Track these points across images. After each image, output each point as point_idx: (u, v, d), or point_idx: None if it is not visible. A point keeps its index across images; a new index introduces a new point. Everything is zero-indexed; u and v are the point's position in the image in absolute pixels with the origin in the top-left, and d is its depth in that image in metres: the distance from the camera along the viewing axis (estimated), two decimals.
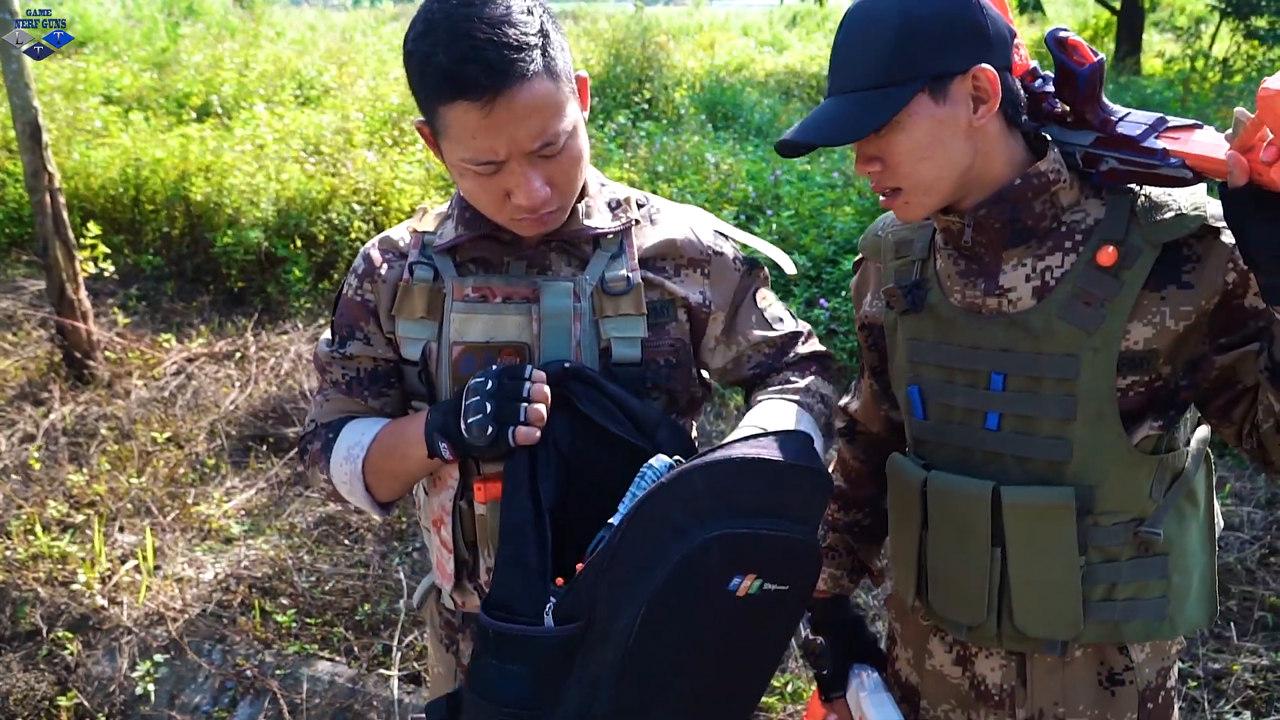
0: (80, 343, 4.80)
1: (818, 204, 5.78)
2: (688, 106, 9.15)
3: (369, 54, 10.50)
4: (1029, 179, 1.30)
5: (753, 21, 17.19)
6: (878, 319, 1.55)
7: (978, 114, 1.25)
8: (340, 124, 7.10)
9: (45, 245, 4.66)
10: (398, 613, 3.28)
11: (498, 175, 1.26)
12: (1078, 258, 1.31)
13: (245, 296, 5.75)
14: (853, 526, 1.76)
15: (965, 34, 1.23)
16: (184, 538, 3.72)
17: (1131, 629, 1.39)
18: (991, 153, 1.30)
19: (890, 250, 1.52)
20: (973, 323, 1.38)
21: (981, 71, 1.23)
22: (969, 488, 1.39)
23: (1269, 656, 2.95)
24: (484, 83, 1.18)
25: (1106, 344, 1.29)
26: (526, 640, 1.21)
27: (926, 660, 1.58)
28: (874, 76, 1.23)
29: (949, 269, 1.42)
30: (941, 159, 1.27)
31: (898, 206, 1.33)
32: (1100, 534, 1.35)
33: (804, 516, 1.26)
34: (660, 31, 11.78)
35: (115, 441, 4.32)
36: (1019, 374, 1.35)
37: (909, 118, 1.24)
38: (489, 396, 1.28)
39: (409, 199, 5.84)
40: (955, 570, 1.44)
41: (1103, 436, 1.32)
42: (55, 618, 3.22)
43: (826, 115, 1.27)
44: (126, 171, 6.11)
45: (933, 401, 1.44)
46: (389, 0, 18.98)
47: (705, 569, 1.18)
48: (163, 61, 9.06)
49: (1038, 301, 1.33)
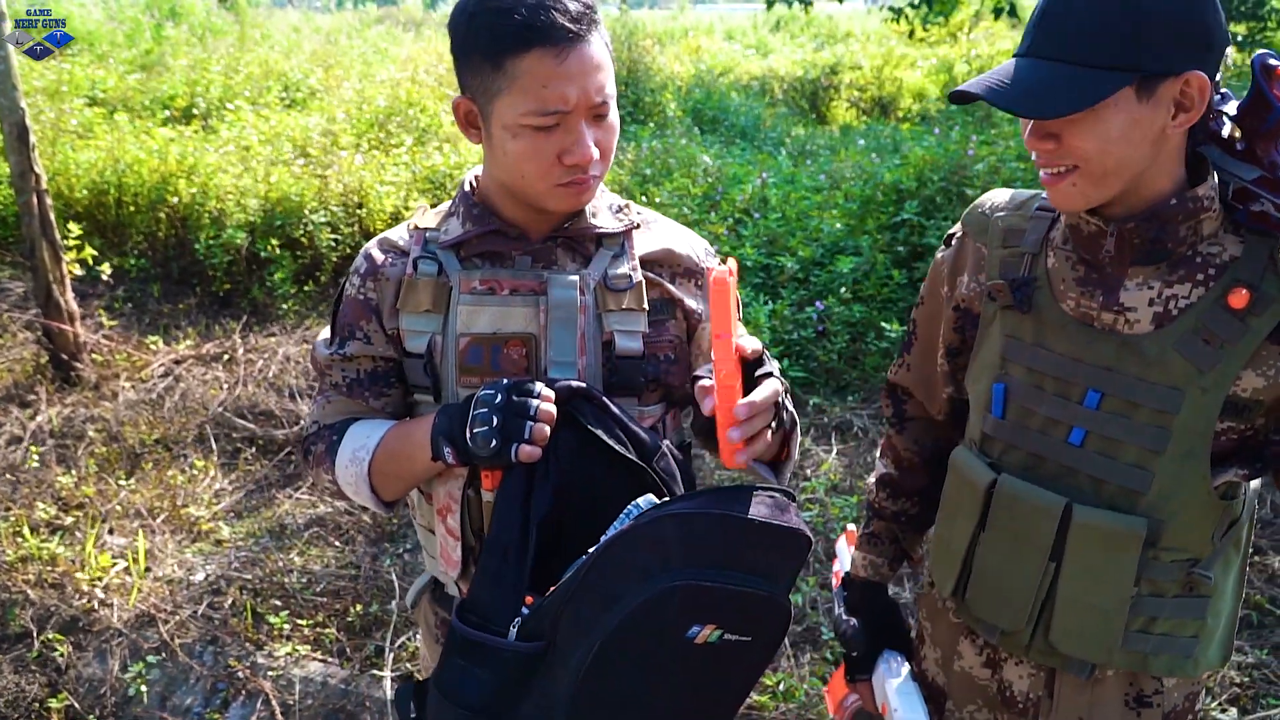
0: (67, 345, 4.78)
1: (805, 207, 5.80)
2: (674, 110, 9.17)
3: (354, 56, 10.48)
4: (1185, 202, 1.24)
5: (738, 25, 17.23)
6: (975, 305, 1.48)
7: (1175, 121, 1.19)
8: (326, 126, 7.09)
9: (32, 247, 4.64)
10: (389, 613, 3.28)
11: (555, 133, 1.31)
12: (1206, 293, 1.26)
13: (232, 299, 5.73)
14: (899, 515, 1.71)
15: (1192, 36, 1.16)
16: (174, 539, 3.71)
17: (1158, 662, 1.38)
18: (1164, 164, 1.24)
19: (998, 236, 1.44)
20: (1080, 334, 1.33)
21: (1195, 78, 1.16)
22: (1042, 499, 1.36)
23: (1254, 654, 2.98)
24: (564, 28, 1.26)
25: (1217, 385, 1.25)
26: (491, 650, 1.26)
27: (955, 661, 1.57)
28: (1088, 53, 1.15)
29: (1064, 272, 1.36)
30: (1124, 158, 1.20)
31: (1061, 189, 1.25)
32: (1157, 568, 1.34)
33: (775, 575, 1.26)
34: (646, 35, 11.81)
35: (103, 444, 4.31)
36: (1117, 396, 1.30)
37: (1107, 108, 1.17)
38: (496, 410, 1.29)
39: (391, 202, 5.84)
40: (1004, 575, 1.42)
41: (1187, 475, 1.29)
42: (45, 620, 3.21)
43: (1023, 80, 1.19)
44: (106, 175, 6.08)
45: (1015, 404, 1.40)
46: (373, 3, 18.94)
47: (663, 615, 1.19)
48: (147, 63, 9.03)
49: (1156, 328, 1.28)
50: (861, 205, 5.65)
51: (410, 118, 7.47)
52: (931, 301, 1.59)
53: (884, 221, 5.38)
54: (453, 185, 6.17)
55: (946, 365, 1.58)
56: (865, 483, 3.96)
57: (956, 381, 1.58)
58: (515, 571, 1.29)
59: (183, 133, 6.95)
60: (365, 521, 3.84)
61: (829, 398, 4.73)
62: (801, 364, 4.86)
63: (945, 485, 1.54)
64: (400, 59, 10.29)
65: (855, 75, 11.84)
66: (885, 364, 4.80)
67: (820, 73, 11.84)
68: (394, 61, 10.02)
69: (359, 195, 5.87)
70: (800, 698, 2.89)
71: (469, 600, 1.32)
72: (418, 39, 12.94)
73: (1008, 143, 5.74)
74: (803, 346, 4.88)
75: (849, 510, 3.78)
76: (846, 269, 5.01)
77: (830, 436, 4.42)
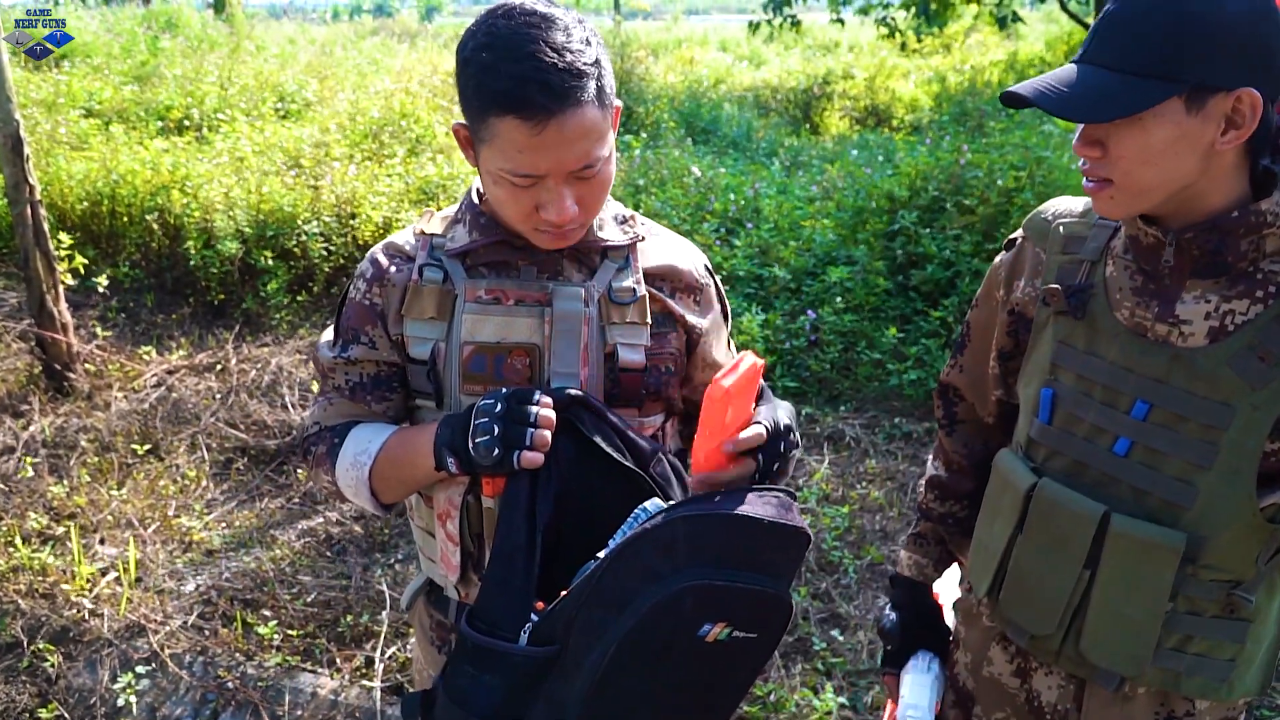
0: (60, 355, 4.78)
1: (797, 216, 5.82)
2: (667, 121, 9.20)
3: (349, 68, 10.51)
4: (1247, 214, 1.22)
5: (730, 37, 17.29)
6: (1029, 310, 1.47)
7: (1225, 138, 1.18)
8: (320, 138, 7.10)
9: (25, 257, 4.64)
10: (380, 624, 3.28)
11: (532, 189, 1.31)
12: (1265, 309, 1.24)
13: (226, 309, 5.74)
14: (947, 518, 1.71)
15: (1249, 51, 1.15)
16: (165, 550, 3.71)
17: (1191, 684, 1.36)
18: (1218, 179, 1.23)
19: (1058, 242, 1.44)
20: (1133, 344, 1.32)
21: (1247, 95, 1.15)
22: (1080, 505, 1.35)
23: None
24: (541, 104, 1.23)
25: (1269, 404, 1.23)
26: (502, 655, 1.27)
27: (985, 667, 1.57)
28: (1138, 62, 1.15)
29: (1122, 281, 1.35)
30: (1168, 170, 1.20)
31: (1101, 198, 1.26)
32: (1195, 586, 1.32)
33: (779, 572, 1.28)
34: (639, 46, 11.85)
35: (95, 454, 4.30)
36: (1166, 408, 1.29)
37: (1154, 118, 1.16)
38: (497, 419, 1.30)
39: (382, 213, 5.84)
40: (1038, 579, 1.42)
41: (1232, 493, 1.27)
42: (36, 630, 3.20)
43: (1071, 84, 1.20)
44: (99, 185, 6.09)
45: (1062, 410, 1.39)
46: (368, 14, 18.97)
47: (678, 615, 1.21)
48: (143, 75, 9.04)
49: (1211, 342, 1.26)
50: (854, 214, 5.66)
51: (403, 129, 7.49)
52: (987, 303, 1.59)
53: (880, 229, 5.40)
54: (445, 196, 6.18)
55: (998, 368, 1.57)
56: (871, 496, 3.97)
57: (1007, 385, 1.58)
58: (523, 578, 1.31)
59: (177, 144, 6.96)
60: (356, 532, 3.84)
61: (821, 407, 4.74)
62: (793, 373, 4.87)
63: (988, 486, 1.54)
64: (395, 70, 10.32)
65: (848, 85, 11.88)
66: (877, 373, 4.81)
67: (813, 83, 11.88)
68: (388, 73, 10.04)
69: (352, 206, 5.88)
70: (790, 709, 2.89)
71: (477, 607, 1.32)
72: (412, 50, 12.98)
73: (1001, 152, 5.76)
74: (795, 356, 4.90)
75: (840, 520, 3.78)
76: (838, 279, 5.02)
77: (822, 446, 4.42)
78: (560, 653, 1.24)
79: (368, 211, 5.82)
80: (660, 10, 24.23)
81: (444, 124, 7.69)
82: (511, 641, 1.27)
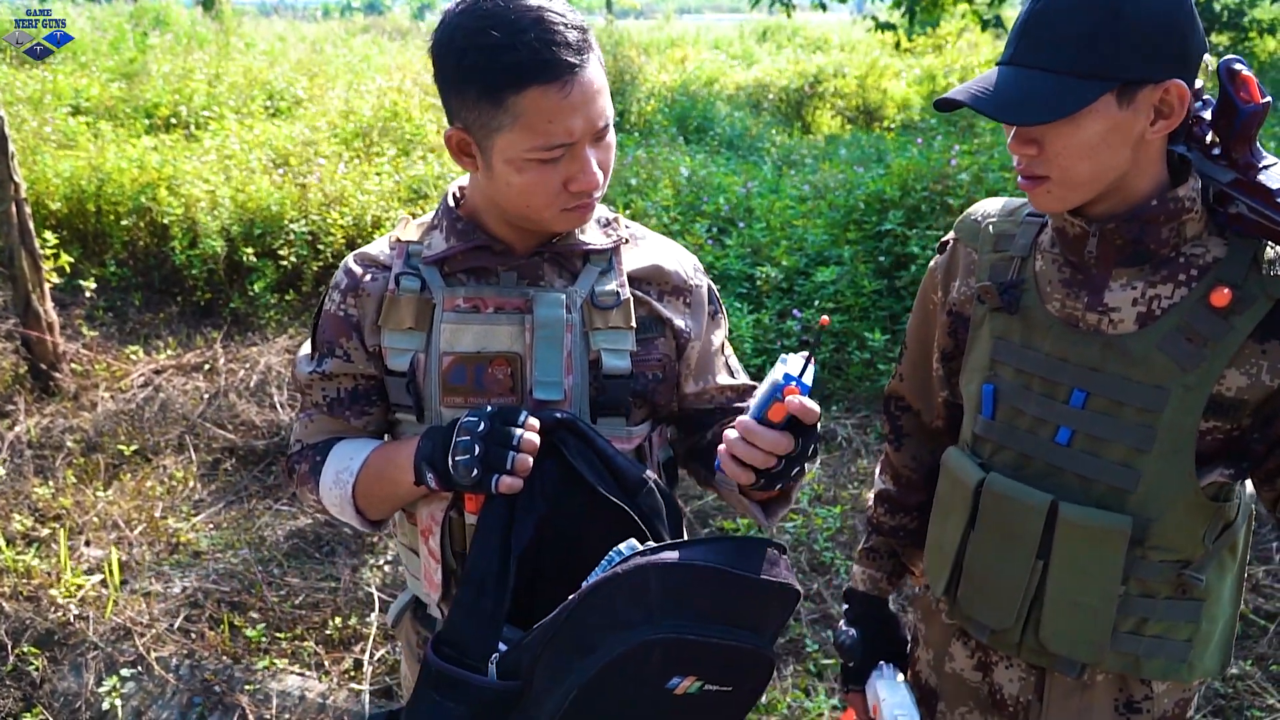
0: (46, 354, 4.74)
1: (789, 216, 5.81)
2: (659, 119, 9.18)
3: (340, 65, 10.46)
4: (1165, 203, 1.26)
5: (723, 35, 17.28)
6: (966, 309, 1.51)
7: (1155, 128, 1.22)
8: (309, 136, 7.06)
9: (11, 256, 4.60)
10: (369, 626, 3.26)
11: (560, 163, 1.29)
12: (1189, 292, 1.28)
13: (214, 308, 5.70)
14: (898, 531, 1.73)
15: (1171, 45, 1.18)
16: (151, 551, 3.68)
17: (1151, 665, 1.39)
18: (1145, 167, 1.27)
19: (989, 241, 1.47)
20: (1066, 335, 1.36)
21: (1175, 86, 1.19)
22: (1028, 497, 1.38)
23: (1238, 665, 2.98)
24: (566, 61, 1.23)
25: (1200, 384, 1.27)
26: (467, 685, 1.25)
27: (947, 663, 1.58)
28: (1070, 61, 1.18)
29: (1051, 274, 1.39)
30: (1102, 161, 1.23)
31: (1039, 194, 1.29)
32: (1145, 568, 1.35)
33: (760, 627, 1.25)
34: (632, 45, 11.83)
35: (81, 454, 4.27)
36: (1102, 395, 1.32)
37: (1088, 114, 1.19)
38: (479, 438, 1.27)
39: (372, 212, 5.81)
40: (993, 573, 1.43)
41: (1173, 474, 1.30)
42: (20, 633, 3.17)
43: (1007, 88, 1.22)
44: (85, 184, 6.05)
45: (1004, 404, 1.42)
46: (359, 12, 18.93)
47: (644, 666, 1.18)
48: (131, 72, 8.99)
49: (1140, 328, 1.30)
50: (845, 215, 5.65)
51: (394, 128, 7.45)
52: (923, 308, 1.61)
53: (868, 231, 5.39)
54: (437, 195, 6.15)
55: (941, 369, 1.59)
56: (863, 496, 3.96)
57: (952, 386, 1.59)
58: (492, 604, 1.28)
59: (165, 142, 6.92)
60: (345, 534, 3.81)
61: None
62: None
63: (938, 486, 1.55)
64: (386, 68, 10.28)
65: (839, 84, 11.88)
66: (868, 373, 4.80)
67: (805, 82, 11.87)
68: (380, 71, 10.00)
69: (341, 205, 5.85)
70: (783, 710, 2.87)
71: (444, 632, 1.30)
72: (404, 48, 12.94)
73: (990, 153, 5.75)
74: None
75: (832, 521, 3.77)
76: (827, 279, 5.01)
77: None
78: (525, 688, 1.22)
79: (359, 211, 5.79)
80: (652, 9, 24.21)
81: (435, 122, 7.65)
82: (479, 670, 1.25)
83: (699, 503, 3.92)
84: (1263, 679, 2.93)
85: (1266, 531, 3.59)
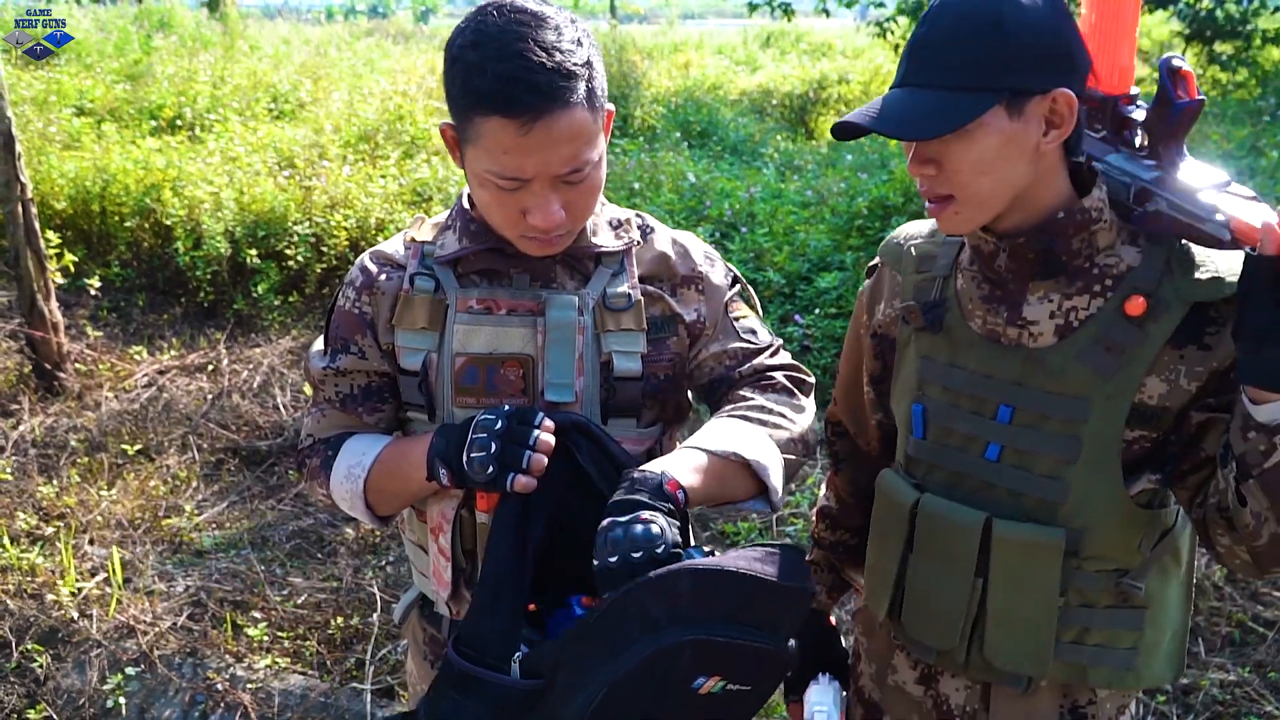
0: (50, 354, 4.76)
1: (791, 221, 5.82)
2: (662, 124, 9.19)
3: (344, 68, 10.47)
4: (1073, 214, 1.27)
5: (727, 41, 17.28)
6: (891, 330, 1.52)
7: (1048, 137, 1.23)
8: (314, 138, 7.08)
9: (16, 256, 4.62)
10: (371, 626, 3.27)
11: (518, 193, 1.28)
12: (1105, 303, 1.29)
13: (217, 309, 5.72)
14: (838, 546, 1.75)
15: (1054, 54, 1.20)
16: (155, 551, 3.69)
17: (1097, 674, 1.39)
18: (1046, 179, 1.28)
19: (912, 263, 1.49)
20: (989, 351, 1.37)
21: (1062, 95, 1.21)
22: (961, 517, 1.38)
23: (1236, 672, 2.99)
24: (528, 103, 1.20)
25: (1121, 393, 1.28)
26: (488, 684, 1.25)
27: (890, 676, 1.58)
28: (957, 77, 1.20)
29: (971, 291, 1.40)
30: (1002, 175, 1.24)
31: (945, 216, 1.29)
32: (1082, 578, 1.35)
33: (779, 627, 1.27)
34: (636, 50, 11.84)
35: (85, 454, 4.29)
36: (1027, 409, 1.33)
37: (980, 128, 1.20)
38: (495, 436, 1.28)
39: (376, 215, 5.82)
40: (934, 594, 1.43)
41: (1101, 483, 1.31)
42: (24, 630, 3.19)
43: (899, 106, 1.23)
44: (90, 184, 6.06)
45: (934, 424, 1.43)
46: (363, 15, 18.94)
47: (674, 667, 1.19)
48: (136, 73, 9.01)
49: (1059, 340, 1.31)
50: (847, 221, 5.66)
51: (398, 131, 7.47)
52: (854, 332, 1.64)
53: (871, 237, 5.40)
54: (441, 198, 6.16)
55: (872, 392, 1.62)
56: None
57: (885, 408, 1.61)
58: (510, 603, 1.29)
59: (169, 143, 6.94)
60: (348, 534, 3.82)
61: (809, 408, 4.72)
62: None
63: (874, 508, 1.56)
64: (390, 71, 10.29)
65: (843, 90, 11.88)
66: None
67: (809, 88, 11.88)
68: (384, 74, 10.02)
69: (345, 207, 5.87)
70: (782, 712, 2.88)
71: (464, 632, 1.31)
72: (407, 52, 12.95)
73: None
74: None
75: None
76: (829, 284, 5.02)
77: (815, 451, 4.41)
78: (548, 688, 1.22)
79: (363, 213, 5.80)
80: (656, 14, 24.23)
81: (439, 125, 7.65)
82: (500, 669, 1.25)
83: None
84: (1261, 685, 2.94)
85: None
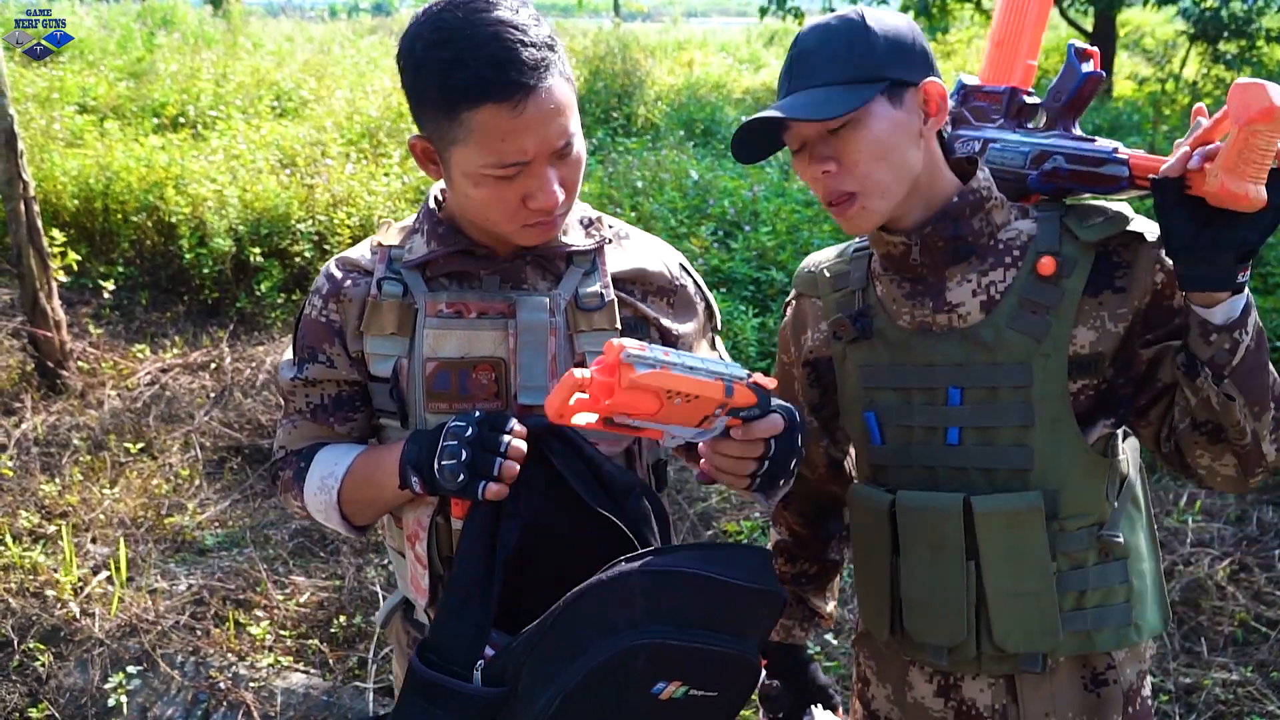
0: (53, 352, 4.77)
1: (795, 221, 5.82)
2: (666, 123, 9.18)
3: (347, 66, 10.48)
4: (966, 195, 1.37)
5: (731, 39, 17.27)
6: (824, 352, 1.56)
7: (927, 124, 1.35)
8: (316, 136, 7.08)
9: (19, 254, 4.63)
10: (373, 625, 3.27)
11: (518, 179, 1.27)
12: (1019, 271, 1.38)
13: (220, 307, 5.72)
14: (800, 577, 1.75)
15: (916, 52, 1.34)
16: (157, 549, 3.69)
17: (1103, 637, 1.42)
18: (934, 167, 1.38)
19: (827, 284, 1.54)
20: (925, 341, 1.42)
21: (932, 85, 1.33)
22: (939, 502, 1.41)
23: (1239, 671, 2.99)
24: (518, 81, 1.21)
25: (1056, 349, 1.35)
26: (453, 692, 1.24)
27: (908, 693, 1.57)
28: (841, 72, 1.30)
29: (892, 293, 1.46)
30: (897, 161, 1.32)
31: (851, 214, 1.35)
32: (1067, 539, 1.39)
33: (745, 633, 1.25)
34: (639, 48, 11.83)
35: (88, 452, 4.29)
36: (975, 386, 1.39)
37: (869, 115, 1.29)
38: (466, 443, 1.25)
39: (378, 212, 5.82)
40: (932, 591, 1.44)
41: (1061, 439, 1.37)
42: (26, 629, 3.19)
43: (795, 102, 1.31)
44: (93, 182, 6.07)
45: (891, 425, 1.47)
46: (366, 13, 18.94)
47: (628, 672, 1.18)
48: (139, 71, 9.01)
49: (986, 315, 1.39)
50: None
51: (401, 129, 7.46)
52: (782, 370, 1.66)
53: None
54: None
55: (815, 421, 1.63)
56: None
57: (832, 435, 1.63)
58: (478, 611, 1.28)
59: (172, 141, 6.94)
60: None
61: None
62: None
63: (851, 525, 1.57)
64: (393, 69, 10.29)
65: None
66: None
67: None
68: (386, 72, 10.02)
69: (348, 205, 5.87)
70: None
71: (430, 639, 1.29)
72: None
73: None
74: None
75: None
76: None
77: None
78: (510, 694, 1.21)
79: (363, 211, 5.80)
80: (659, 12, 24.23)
81: None
82: (464, 677, 1.24)
83: (703, 504, 3.93)
84: (1263, 685, 2.93)
85: (1269, 539, 3.60)
